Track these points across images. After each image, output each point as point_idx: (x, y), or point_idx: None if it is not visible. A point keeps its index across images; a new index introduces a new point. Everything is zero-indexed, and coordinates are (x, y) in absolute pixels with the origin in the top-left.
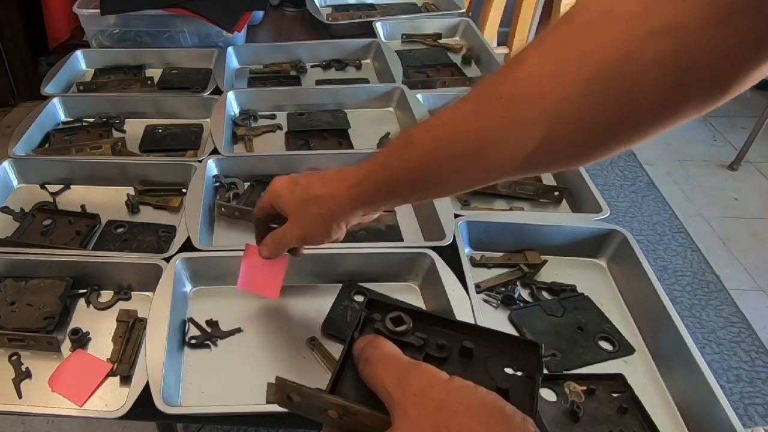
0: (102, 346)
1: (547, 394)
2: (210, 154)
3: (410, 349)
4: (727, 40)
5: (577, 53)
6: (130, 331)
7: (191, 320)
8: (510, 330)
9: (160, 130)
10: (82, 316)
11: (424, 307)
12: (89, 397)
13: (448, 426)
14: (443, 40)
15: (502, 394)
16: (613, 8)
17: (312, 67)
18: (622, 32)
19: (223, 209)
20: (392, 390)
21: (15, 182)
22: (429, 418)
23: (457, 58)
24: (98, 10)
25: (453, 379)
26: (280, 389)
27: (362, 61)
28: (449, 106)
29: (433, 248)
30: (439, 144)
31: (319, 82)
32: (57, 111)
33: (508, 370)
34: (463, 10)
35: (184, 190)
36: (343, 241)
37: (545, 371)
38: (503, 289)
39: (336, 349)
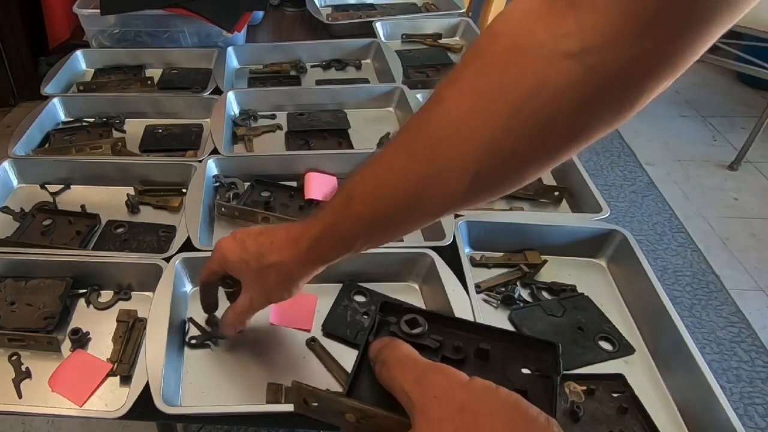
0: (102, 346)
1: None
2: (210, 154)
3: (426, 351)
4: (635, 59)
5: (493, 89)
6: (130, 331)
7: (191, 320)
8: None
9: (160, 130)
10: (82, 316)
11: (424, 308)
12: (89, 397)
13: (470, 428)
14: (443, 40)
15: (521, 393)
16: (520, 40)
17: (312, 67)
18: (533, 62)
19: (223, 209)
20: (411, 391)
21: (15, 182)
22: (451, 420)
23: (457, 58)
24: (98, 10)
25: (473, 380)
26: (296, 393)
27: (362, 61)
28: (383, 151)
29: (433, 248)
30: (378, 197)
31: (319, 82)
32: (57, 111)
33: (525, 371)
34: (463, 10)
35: (184, 190)
36: None
37: None
38: (503, 289)
39: (336, 349)
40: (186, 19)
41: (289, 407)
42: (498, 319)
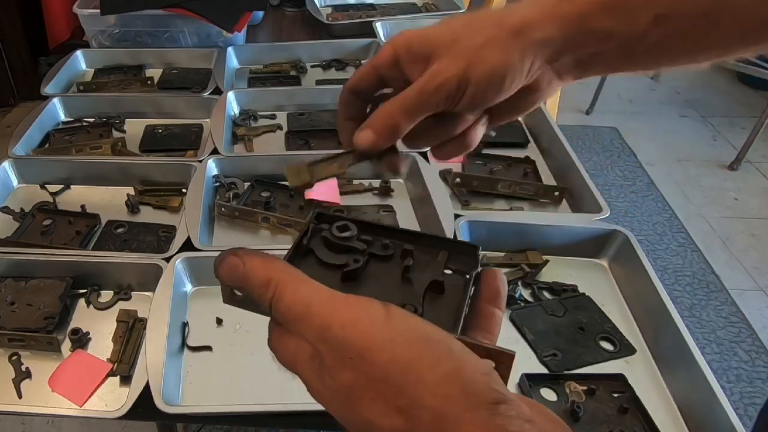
0: (102, 346)
1: (548, 394)
2: (210, 154)
3: (354, 253)
4: None
5: None
6: (130, 331)
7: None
8: (514, 333)
9: (160, 130)
10: (82, 316)
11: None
12: (89, 397)
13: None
14: None
15: (437, 285)
16: None
17: (312, 67)
18: None
19: (223, 209)
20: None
21: (15, 182)
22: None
23: None
24: (98, 10)
25: (390, 316)
26: (224, 284)
27: (362, 61)
28: None
29: None
30: None
31: (319, 82)
32: (57, 111)
33: (447, 271)
34: (463, 10)
35: (184, 190)
36: None
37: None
38: None
39: None
40: (186, 19)
41: (289, 407)
42: None
